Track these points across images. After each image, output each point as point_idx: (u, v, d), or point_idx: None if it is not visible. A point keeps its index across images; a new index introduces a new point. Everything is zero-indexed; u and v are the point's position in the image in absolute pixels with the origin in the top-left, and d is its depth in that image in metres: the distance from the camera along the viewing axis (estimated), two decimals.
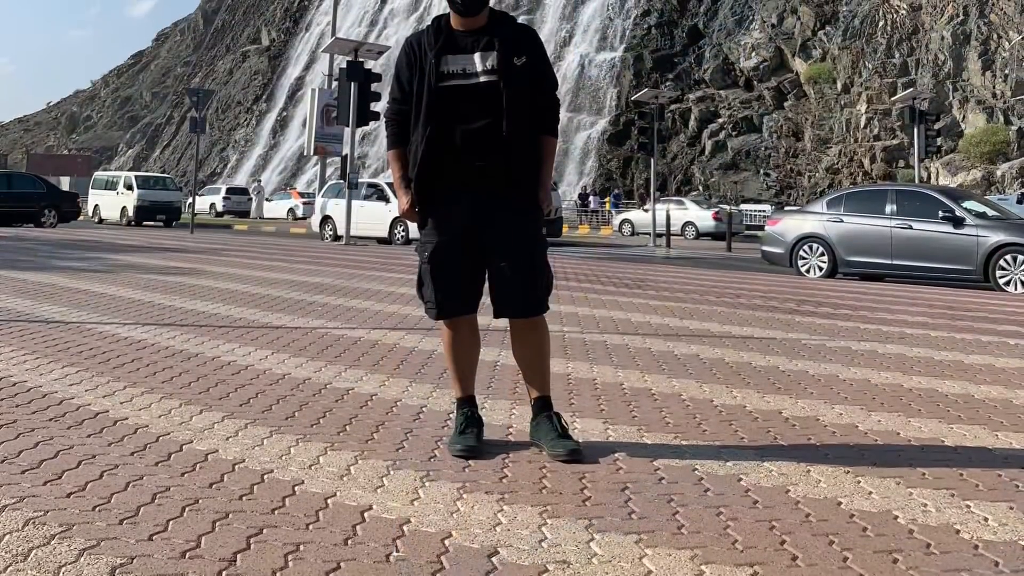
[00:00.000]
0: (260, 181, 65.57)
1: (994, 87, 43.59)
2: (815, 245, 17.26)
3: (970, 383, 6.29)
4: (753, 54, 54.22)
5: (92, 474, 3.74)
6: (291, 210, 52.97)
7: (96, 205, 41.32)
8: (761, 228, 27.08)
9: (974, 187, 38.35)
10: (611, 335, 8.09)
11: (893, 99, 37.88)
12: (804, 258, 17.37)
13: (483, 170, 4.22)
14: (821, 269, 17.11)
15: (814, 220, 17.45)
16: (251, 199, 55.08)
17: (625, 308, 10.24)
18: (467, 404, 4.41)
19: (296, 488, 3.63)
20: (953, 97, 44.32)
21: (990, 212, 16.56)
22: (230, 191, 56.68)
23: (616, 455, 4.21)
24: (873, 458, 4.28)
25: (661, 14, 60.98)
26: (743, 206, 44.64)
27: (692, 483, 3.82)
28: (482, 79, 4.23)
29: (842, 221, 16.99)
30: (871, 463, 4.18)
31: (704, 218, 38.42)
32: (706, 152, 52.73)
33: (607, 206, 49.52)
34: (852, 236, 16.83)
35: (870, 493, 3.73)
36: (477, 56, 4.25)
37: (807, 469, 4.05)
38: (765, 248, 18.63)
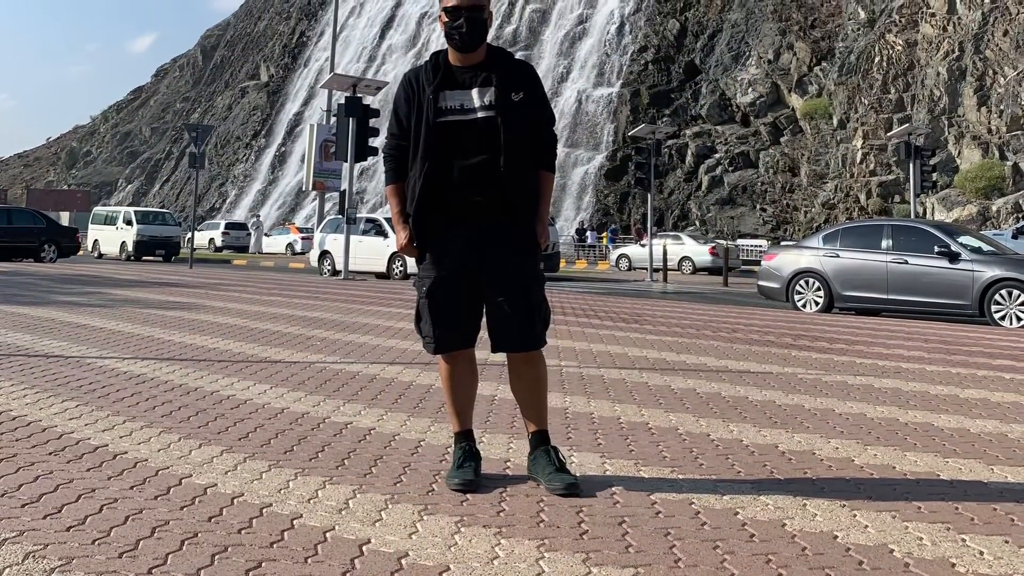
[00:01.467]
0: (259, 216, 65.79)
1: (989, 122, 43.86)
2: (811, 280, 17.31)
3: (966, 417, 6.31)
4: (750, 90, 54.59)
5: (92, 508, 3.75)
6: (290, 245, 53.21)
7: (96, 240, 41.54)
8: (757, 263, 27.14)
9: (969, 222, 38.49)
10: (608, 370, 8.12)
11: (889, 134, 38.08)
12: (800, 293, 17.43)
13: (481, 205, 4.23)
14: (817, 304, 17.16)
15: (810, 255, 17.52)
16: (250, 234, 55.29)
17: (622, 343, 10.28)
18: (465, 438, 4.42)
19: (295, 522, 3.64)
20: (948, 132, 44.58)
21: (985, 247, 16.62)
22: (229, 226, 57.06)
23: (613, 489, 4.23)
24: (869, 492, 4.30)
25: (658, 50, 61.42)
26: (739, 241, 44.80)
27: (689, 517, 3.84)
28: (480, 115, 4.24)
29: (838, 256, 17.06)
30: (867, 497, 4.20)
31: (701, 253, 38.53)
32: (703, 187, 52.95)
33: (604, 240, 49.68)
34: (848, 271, 16.89)
35: (866, 527, 3.75)
36: (475, 92, 4.27)
37: (803, 503, 4.07)
38: (762, 283, 18.66)
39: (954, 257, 15.75)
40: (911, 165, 29.66)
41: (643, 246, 36.65)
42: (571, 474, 4.25)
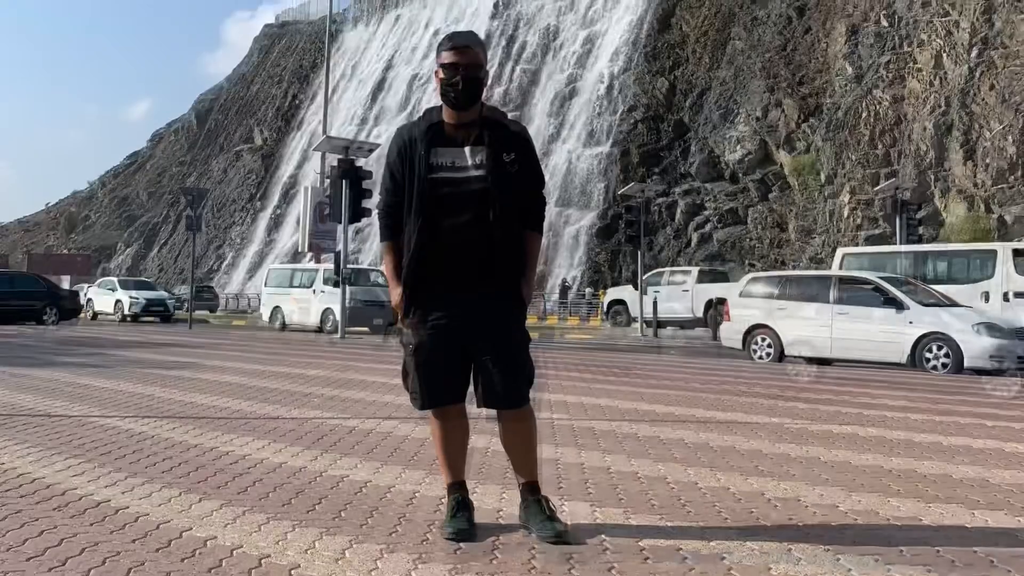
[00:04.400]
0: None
1: (975, 176, 44.33)
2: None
3: (948, 464, 6.44)
4: (738, 147, 55.15)
5: (95, 561, 3.86)
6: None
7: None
8: None
9: None
10: (599, 421, 8.24)
11: (876, 189, 38.51)
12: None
13: (468, 264, 4.29)
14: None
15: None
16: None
17: (612, 395, 10.41)
18: (458, 489, 4.49)
19: (292, 572, 3.75)
20: (935, 186, 45.05)
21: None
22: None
23: (603, 536, 4.34)
24: (853, 537, 4.41)
25: (647, 109, 62.13)
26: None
27: (676, 562, 3.95)
28: (471, 173, 4.29)
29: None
30: (851, 541, 4.31)
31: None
32: (692, 244, 53.28)
33: (601, 296, 49.80)
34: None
35: (849, 571, 3.85)
36: (467, 150, 4.32)
37: (788, 548, 4.18)
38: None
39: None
40: (897, 219, 30.02)
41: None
42: (562, 522, 4.34)
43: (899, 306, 16.34)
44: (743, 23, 60.54)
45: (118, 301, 40.22)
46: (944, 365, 15.68)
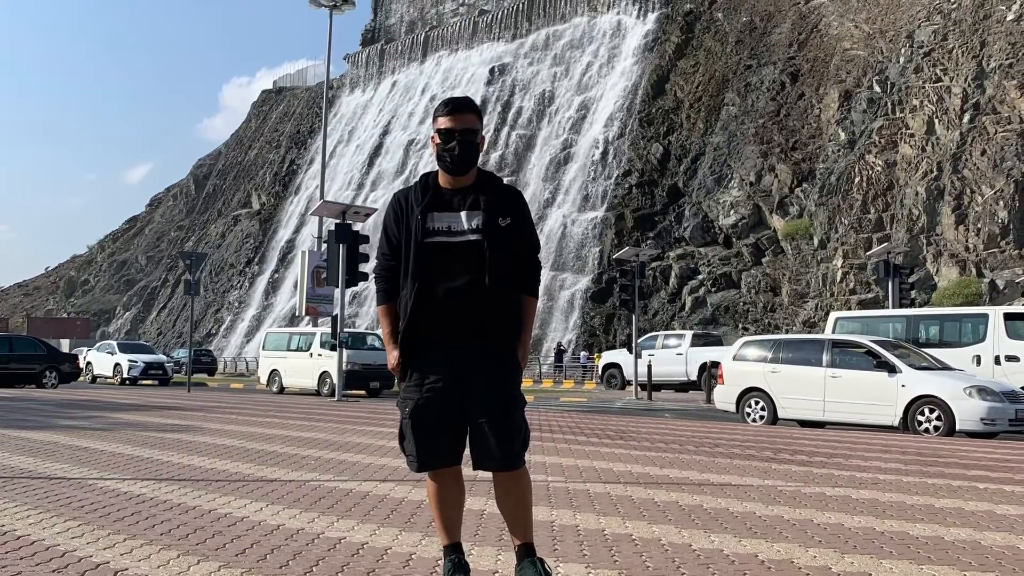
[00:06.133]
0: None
1: (967, 241, 44.72)
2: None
3: (940, 526, 6.50)
4: (732, 212, 55.61)
5: None
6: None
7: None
8: None
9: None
10: (593, 484, 8.31)
11: (868, 254, 38.79)
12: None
13: (464, 327, 4.30)
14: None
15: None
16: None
17: (607, 458, 10.47)
18: (454, 551, 4.50)
19: None
20: (927, 251, 45.41)
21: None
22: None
23: None
24: None
25: (642, 174, 62.72)
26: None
27: None
28: (467, 238, 4.32)
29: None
30: None
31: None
32: (686, 308, 53.48)
33: (597, 360, 49.83)
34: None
35: None
36: (464, 214, 4.34)
37: None
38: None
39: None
40: (890, 283, 30.26)
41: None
42: None
43: (891, 369, 16.46)
44: (737, 89, 61.42)
45: (117, 364, 40.49)
46: (936, 428, 15.76)
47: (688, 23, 69.54)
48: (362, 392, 30.39)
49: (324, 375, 29.91)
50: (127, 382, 39.55)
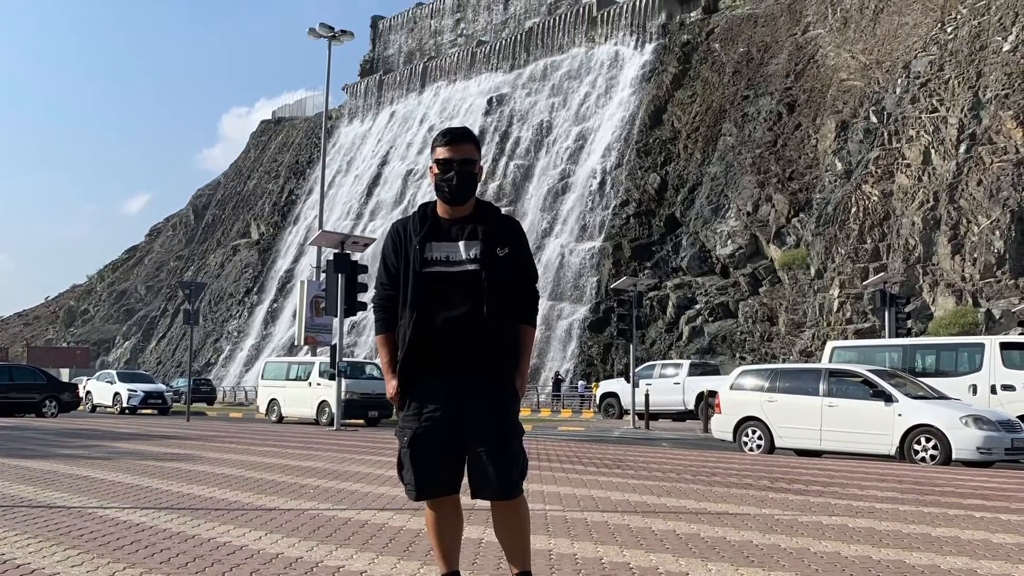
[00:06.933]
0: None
1: (963, 270, 44.92)
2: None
3: (937, 555, 6.54)
4: (729, 242, 55.81)
5: None
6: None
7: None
8: None
9: None
10: (591, 512, 8.34)
11: (865, 283, 38.96)
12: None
13: (462, 356, 4.32)
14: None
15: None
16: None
17: (605, 487, 10.50)
18: None
19: None
20: (923, 280, 45.58)
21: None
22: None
23: None
24: None
25: (639, 204, 62.98)
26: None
27: None
28: (465, 267, 4.33)
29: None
30: None
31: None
32: (683, 337, 53.57)
33: (594, 389, 49.83)
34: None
35: None
36: (462, 244, 4.37)
37: None
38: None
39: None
40: (886, 313, 30.36)
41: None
42: None
43: (888, 399, 16.51)
44: (734, 119, 61.81)
45: (116, 393, 40.59)
46: (933, 457, 15.79)
47: (685, 54, 70.08)
48: (361, 421, 30.43)
49: (323, 404, 29.91)
50: (126, 411, 39.59)
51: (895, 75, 54.31)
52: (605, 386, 39.31)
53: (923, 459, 15.85)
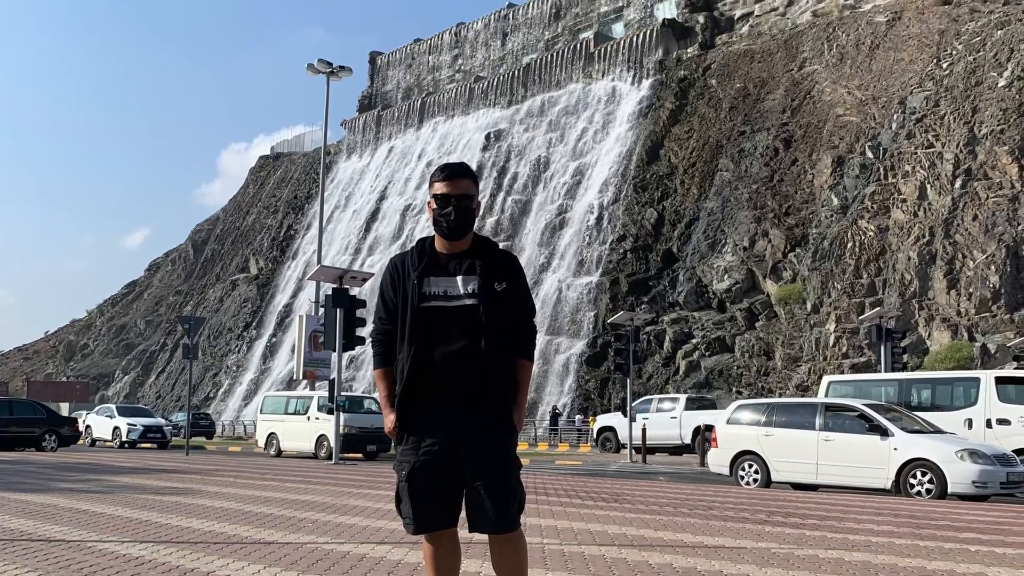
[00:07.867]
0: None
1: (959, 305, 45.03)
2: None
3: None
4: (726, 276, 55.89)
5: None
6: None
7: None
8: None
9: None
10: (588, 546, 8.39)
11: (861, 318, 39.07)
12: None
13: (460, 391, 4.35)
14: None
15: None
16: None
17: (602, 520, 10.54)
18: None
19: None
20: (919, 315, 45.66)
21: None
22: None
23: None
24: None
25: (636, 239, 63.13)
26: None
27: None
28: (464, 302, 4.36)
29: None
30: None
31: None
32: (680, 372, 53.55)
33: (592, 423, 49.75)
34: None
35: None
36: (459, 279, 4.40)
37: None
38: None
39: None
40: (882, 348, 30.45)
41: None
42: None
43: (884, 433, 16.58)
44: (730, 155, 62.14)
45: (116, 428, 40.71)
46: (928, 491, 15.84)
47: (682, 89, 70.51)
48: (359, 455, 30.48)
49: (321, 438, 29.93)
50: (126, 445, 39.64)
51: (891, 111, 54.70)
52: (602, 420, 39.41)
53: (919, 493, 15.90)
